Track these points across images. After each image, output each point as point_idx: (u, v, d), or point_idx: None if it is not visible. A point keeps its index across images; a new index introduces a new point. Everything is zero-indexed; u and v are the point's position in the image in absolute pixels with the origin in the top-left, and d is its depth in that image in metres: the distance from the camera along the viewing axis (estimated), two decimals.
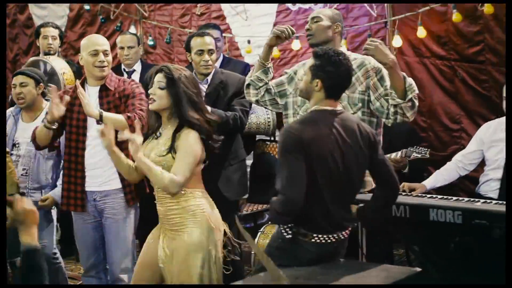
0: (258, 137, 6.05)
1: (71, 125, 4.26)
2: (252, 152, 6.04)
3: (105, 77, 4.27)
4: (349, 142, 3.42)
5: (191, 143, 3.69)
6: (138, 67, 5.97)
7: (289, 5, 6.19)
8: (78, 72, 6.07)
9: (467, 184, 5.48)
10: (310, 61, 3.50)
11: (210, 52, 4.66)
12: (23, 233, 2.86)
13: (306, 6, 5.92)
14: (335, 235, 3.44)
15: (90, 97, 4.20)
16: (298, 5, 5.99)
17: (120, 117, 4.09)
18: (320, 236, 3.41)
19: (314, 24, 4.24)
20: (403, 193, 4.61)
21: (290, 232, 3.42)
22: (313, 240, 3.40)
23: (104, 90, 4.24)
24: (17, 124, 4.84)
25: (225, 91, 4.71)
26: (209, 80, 4.71)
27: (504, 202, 4.18)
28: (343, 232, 3.49)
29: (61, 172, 4.59)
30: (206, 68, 4.67)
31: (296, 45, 6.19)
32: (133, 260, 4.38)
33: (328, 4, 5.96)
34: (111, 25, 7.26)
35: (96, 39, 4.35)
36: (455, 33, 5.55)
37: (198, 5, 6.75)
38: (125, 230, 4.31)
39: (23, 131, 4.77)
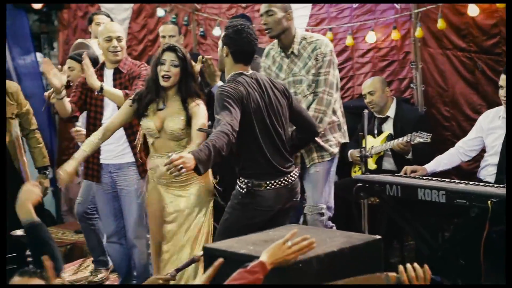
0: None
1: (91, 104, 4.77)
2: None
3: (119, 61, 4.76)
4: (270, 98, 3.94)
5: (204, 111, 4.31)
6: None
7: None
8: None
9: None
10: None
11: None
12: (18, 210, 3.06)
13: None
14: (283, 178, 3.95)
15: (106, 78, 4.72)
16: None
17: (119, 92, 4.55)
18: (272, 182, 3.91)
19: (270, 18, 4.56)
20: (404, 175, 4.93)
21: (244, 187, 3.90)
22: (268, 187, 3.91)
23: (117, 73, 4.74)
24: None
25: None
26: None
27: (497, 185, 4.43)
28: (289, 175, 3.99)
29: None
30: None
31: (328, 36, 6.52)
32: (146, 227, 4.85)
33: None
34: (168, 16, 7.79)
35: (111, 26, 4.83)
36: (474, 25, 5.75)
37: None
38: (138, 200, 4.75)
39: None
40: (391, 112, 5.70)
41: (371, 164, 5.53)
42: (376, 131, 5.69)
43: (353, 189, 4.71)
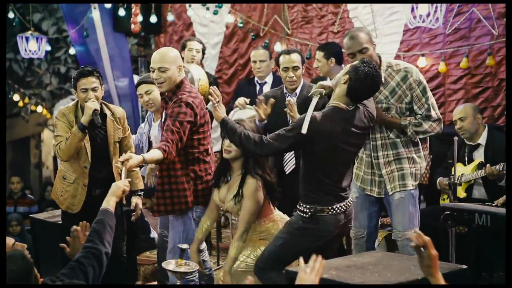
0: None
1: None
2: None
3: (167, 91, 4.51)
4: (354, 134, 3.98)
5: (252, 193, 4.36)
6: (269, 79, 6.54)
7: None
8: (215, 83, 6.72)
9: None
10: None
11: (294, 68, 5.08)
12: (105, 201, 3.68)
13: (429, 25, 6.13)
14: (343, 204, 4.03)
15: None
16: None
17: (158, 155, 4.26)
18: (333, 207, 3.98)
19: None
20: (495, 205, 4.79)
21: (308, 212, 4.00)
22: (330, 212, 3.97)
23: (164, 103, 4.64)
24: (151, 125, 5.51)
25: None
26: (297, 93, 5.14)
27: None
28: (347, 201, 4.08)
29: None
30: (291, 83, 5.11)
31: (422, 62, 6.48)
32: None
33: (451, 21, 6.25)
34: (260, 41, 7.92)
35: (153, 57, 4.54)
36: None
37: (336, 23, 7.24)
38: (173, 232, 4.70)
39: (154, 129, 5.45)
40: (482, 139, 5.55)
41: (461, 193, 5.41)
42: (466, 159, 5.56)
43: (441, 217, 4.64)
